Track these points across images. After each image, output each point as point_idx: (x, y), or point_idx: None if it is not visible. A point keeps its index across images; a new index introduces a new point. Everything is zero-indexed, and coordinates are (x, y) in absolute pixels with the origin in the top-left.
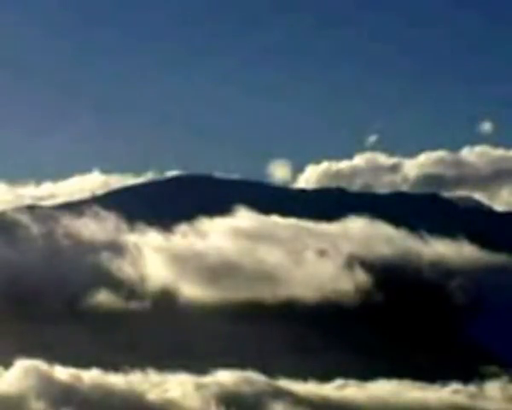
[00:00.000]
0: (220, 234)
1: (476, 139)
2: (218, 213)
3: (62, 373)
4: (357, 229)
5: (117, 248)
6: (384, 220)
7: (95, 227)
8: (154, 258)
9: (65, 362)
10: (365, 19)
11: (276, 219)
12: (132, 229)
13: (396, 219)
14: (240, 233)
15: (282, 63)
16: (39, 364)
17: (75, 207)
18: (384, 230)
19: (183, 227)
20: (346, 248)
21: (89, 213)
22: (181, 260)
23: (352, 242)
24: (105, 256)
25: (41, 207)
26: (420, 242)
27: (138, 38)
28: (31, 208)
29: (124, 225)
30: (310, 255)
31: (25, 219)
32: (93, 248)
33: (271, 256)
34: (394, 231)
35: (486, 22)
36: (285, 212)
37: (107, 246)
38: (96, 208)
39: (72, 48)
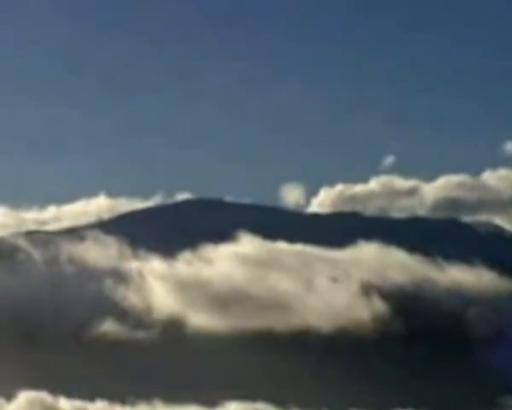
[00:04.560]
0: (228, 261)
1: (498, 161)
2: (226, 239)
3: (67, 405)
4: (371, 255)
5: (122, 276)
6: (400, 246)
7: (99, 254)
8: (160, 286)
9: (70, 394)
10: (377, 36)
11: (285, 245)
12: (137, 256)
13: (413, 245)
14: (248, 260)
15: (295, 83)
16: (43, 396)
17: (79, 233)
18: (400, 256)
19: (189, 254)
20: (360, 275)
21: (93, 238)
22: (188, 288)
23: (366, 268)
24: (110, 284)
25: (40, 233)
26: (437, 268)
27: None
28: (30, 234)
29: (129, 252)
30: (322, 283)
31: (25, 244)
32: (97, 275)
33: (282, 283)
34: (410, 257)
35: (508, 41)
36: (296, 237)
37: (111, 273)
38: (101, 234)
39: (74, 65)
